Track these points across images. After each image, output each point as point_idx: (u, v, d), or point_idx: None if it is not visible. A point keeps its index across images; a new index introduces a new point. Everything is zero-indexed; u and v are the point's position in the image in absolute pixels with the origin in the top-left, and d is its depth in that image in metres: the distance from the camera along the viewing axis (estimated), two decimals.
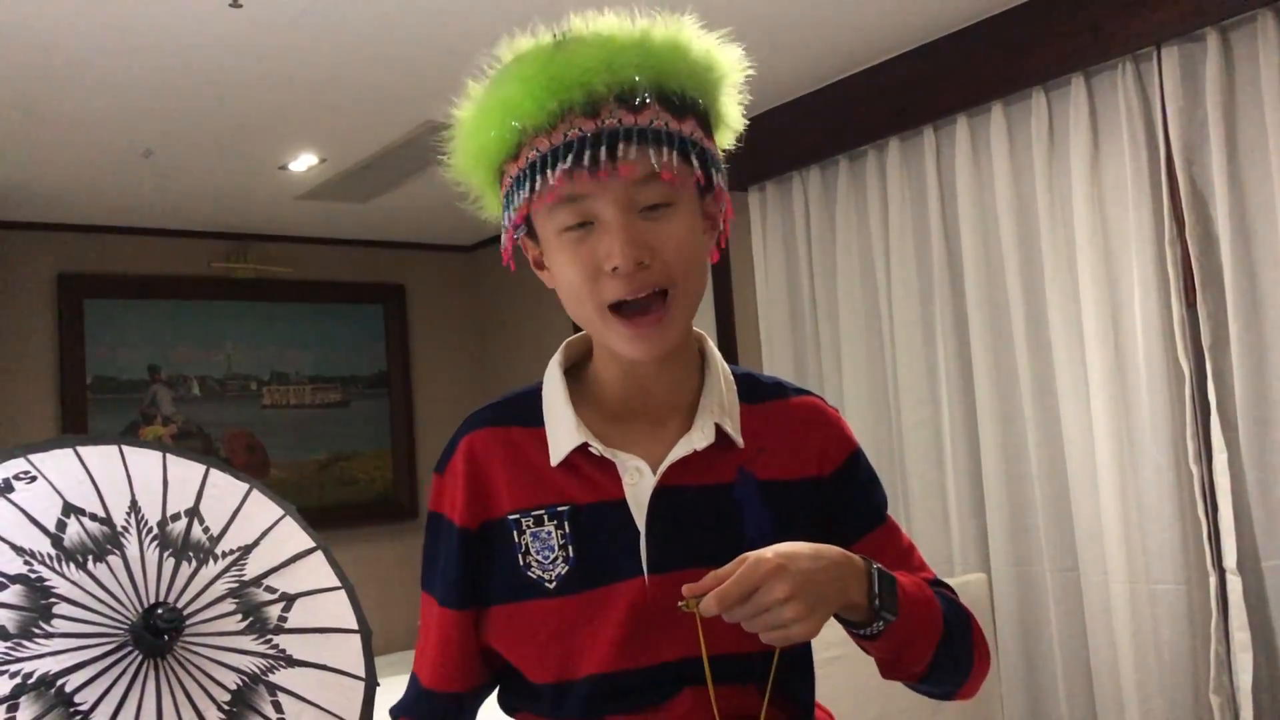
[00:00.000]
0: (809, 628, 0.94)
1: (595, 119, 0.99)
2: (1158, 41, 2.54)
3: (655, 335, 1.03)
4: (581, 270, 1.02)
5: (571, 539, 1.06)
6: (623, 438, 1.09)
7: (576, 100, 0.99)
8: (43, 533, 1.16)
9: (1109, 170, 2.68)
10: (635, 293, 1.01)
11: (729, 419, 1.10)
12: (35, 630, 1.11)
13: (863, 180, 3.27)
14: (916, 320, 3.12)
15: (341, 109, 3.16)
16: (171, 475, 1.29)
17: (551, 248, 1.06)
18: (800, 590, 0.93)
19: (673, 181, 1.01)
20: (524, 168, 1.02)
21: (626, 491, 1.06)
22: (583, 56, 1.00)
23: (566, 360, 1.16)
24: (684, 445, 1.07)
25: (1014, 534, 2.89)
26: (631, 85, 1.00)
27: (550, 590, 1.06)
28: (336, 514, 4.60)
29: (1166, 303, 2.55)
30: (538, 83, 1.00)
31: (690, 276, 1.04)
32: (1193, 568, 2.53)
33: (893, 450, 3.20)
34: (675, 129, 1.01)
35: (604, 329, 1.04)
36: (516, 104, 1.01)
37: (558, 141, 0.99)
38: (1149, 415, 2.58)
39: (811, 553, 0.97)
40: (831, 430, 1.16)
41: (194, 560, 1.21)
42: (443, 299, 5.06)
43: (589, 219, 1.02)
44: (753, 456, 1.10)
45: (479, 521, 1.10)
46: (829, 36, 2.89)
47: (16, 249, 4.04)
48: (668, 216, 1.02)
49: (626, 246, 0.99)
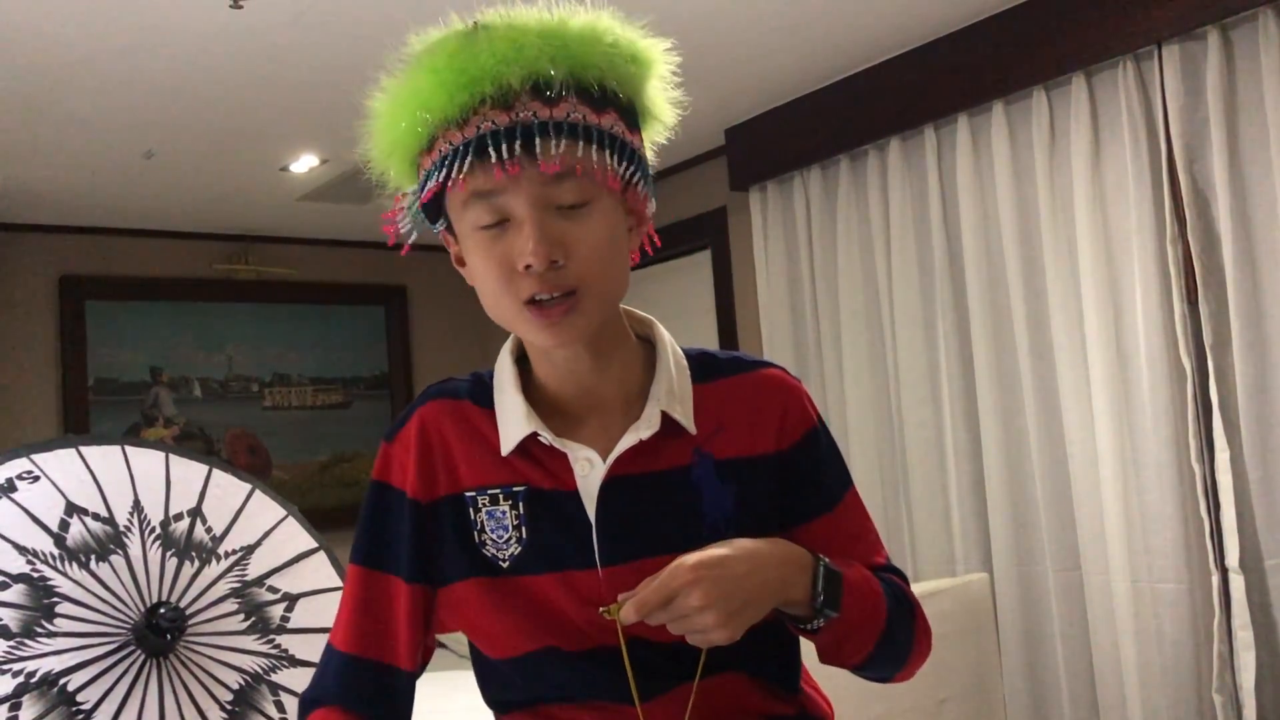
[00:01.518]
0: (727, 634, 0.93)
1: (508, 112, 0.95)
2: (1158, 40, 2.54)
3: (565, 323, 1.00)
4: (497, 268, 0.99)
5: (526, 520, 1.04)
6: (573, 428, 1.07)
7: (488, 92, 0.95)
8: (45, 532, 1.16)
9: (1110, 169, 2.68)
10: (548, 291, 0.98)
11: (679, 404, 1.07)
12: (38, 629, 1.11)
13: (864, 180, 3.27)
14: (918, 320, 3.12)
15: (342, 110, 3.15)
16: (174, 475, 1.30)
17: (468, 245, 1.03)
18: (717, 598, 0.92)
19: (590, 178, 0.99)
20: (436, 161, 0.99)
21: (578, 482, 1.04)
22: (494, 46, 0.96)
23: (517, 347, 1.13)
24: (630, 435, 1.05)
25: (1016, 533, 2.89)
26: (546, 76, 0.96)
27: (504, 569, 1.04)
28: (338, 515, 4.60)
29: (1168, 301, 2.55)
30: (448, 73, 0.97)
31: (605, 278, 1.01)
32: (1195, 566, 2.53)
33: (894, 450, 3.19)
34: (594, 122, 0.98)
35: (519, 324, 1.02)
36: (427, 96, 0.98)
37: (470, 135, 0.96)
38: (1151, 414, 2.58)
39: (745, 555, 0.96)
40: (791, 404, 1.12)
41: (196, 560, 1.21)
42: (444, 300, 5.06)
43: (504, 216, 0.99)
44: (710, 436, 1.07)
45: (431, 496, 1.08)
46: (830, 36, 2.89)
47: (19, 251, 4.04)
48: (584, 215, 0.99)
49: (539, 245, 0.96)
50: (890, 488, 3.18)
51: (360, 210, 4.23)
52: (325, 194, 3.95)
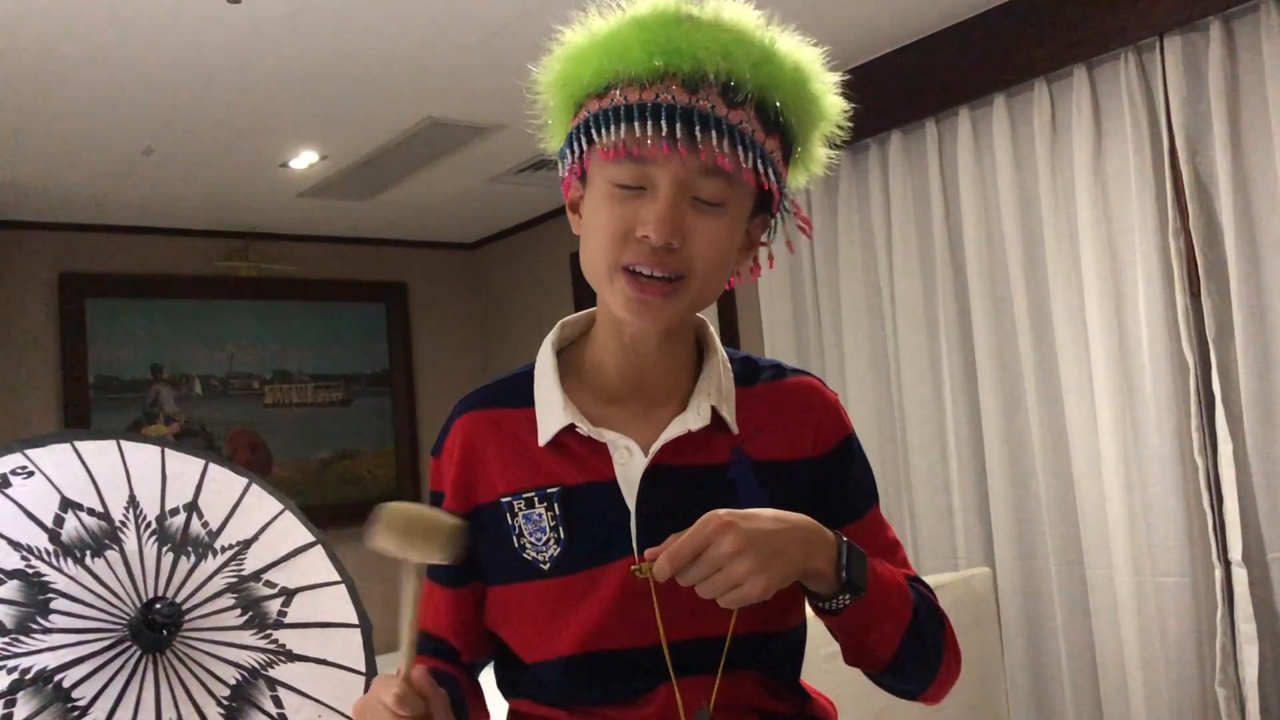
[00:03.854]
0: (762, 583, 0.93)
1: (692, 94, 0.99)
2: (1160, 32, 2.53)
3: (658, 304, 1.02)
4: (614, 227, 1.01)
5: (562, 520, 1.05)
6: (615, 419, 1.09)
7: (683, 69, 0.99)
8: (40, 528, 1.15)
9: (1112, 162, 2.67)
10: (653, 268, 1.01)
11: (725, 404, 1.09)
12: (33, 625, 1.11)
13: (864, 173, 3.26)
14: (919, 314, 3.11)
15: (342, 106, 3.16)
16: (170, 470, 1.29)
17: (595, 195, 1.05)
18: (750, 544, 0.92)
19: (735, 186, 1.02)
20: (607, 108, 1.00)
21: (617, 471, 1.06)
22: (707, 35, 1.00)
23: (561, 340, 1.16)
24: (678, 425, 1.06)
25: (1018, 527, 2.88)
26: (740, 81, 1.00)
27: (545, 571, 1.06)
28: (339, 513, 4.60)
29: (1170, 294, 2.54)
30: (654, 38, 1.00)
31: (709, 278, 1.04)
32: (1198, 560, 2.52)
33: (896, 444, 3.18)
34: (760, 140, 1.01)
35: (610, 287, 1.03)
36: (625, 49, 1.00)
37: (648, 99, 0.99)
38: (1153, 407, 2.57)
39: (772, 515, 0.97)
40: (828, 412, 1.14)
41: (193, 555, 1.21)
42: (445, 297, 5.05)
43: (642, 184, 1.01)
44: (748, 437, 1.09)
45: (470, 505, 1.10)
46: (828, 29, 2.85)
47: (18, 249, 4.04)
48: (714, 215, 1.02)
49: (666, 223, 0.99)
50: (891, 481, 3.17)
51: (360, 207, 4.23)
52: (326, 190, 3.95)
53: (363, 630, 1.33)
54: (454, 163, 3.72)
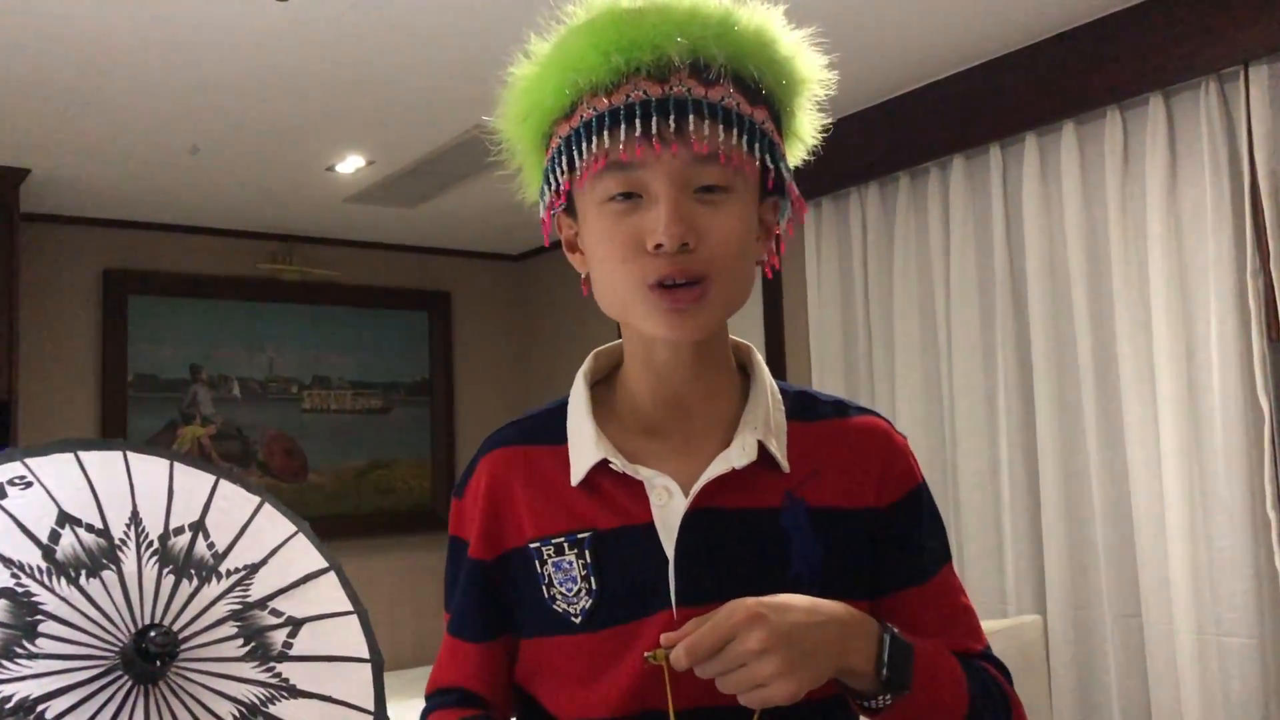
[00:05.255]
0: (789, 687, 0.83)
1: (663, 84, 0.91)
2: (1245, 60, 2.41)
3: (691, 312, 0.93)
4: (621, 246, 0.93)
5: (593, 569, 0.96)
6: (653, 455, 0.99)
7: (645, 61, 0.91)
8: (34, 543, 1.08)
9: (1187, 195, 2.55)
10: (677, 275, 0.92)
11: (774, 438, 0.99)
12: (18, 649, 1.03)
13: (924, 199, 3.16)
14: (976, 347, 3.00)
15: (391, 111, 3.11)
16: (178, 485, 1.21)
17: (590, 222, 0.97)
18: (780, 643, 0.83)
19: (734, 167, 0.93)
20: (577, 127, 0.93)
21: (654, 513, 0.96)
22: (659, 19, 0.92)
23: (594, 372, 1.07)
24: (721, 462, 0.96)
25: (1073, 575, 2.75)
26: (708, 56, 0.92)
27: (576, 625, 0.97)
28: (373, 522, 4.55)
29: (1247, 337, 2.42)
30: (606, 37, 0.92)
31: (734, 270, 0.95)
32: (1267, 620, 2.38)
33: (946, 481, 3.07)
34: (746, 112, 0.93)
35: (640, 308, 0.94)
36: (579, 58, 0.93)
37: (618, 102, 0.91)
38: (1224, 455, 2.44)
39: (807, 606, 0.87)
40: (896, 459, 1.03)
41: (195, 578, 1.13)
42: (488, 308, 5.01)
43: (636, 191, 0.93)
44: (803, 480, 0.98)
45: (498, 552, 1.02)
46: (892, 48, 2.79)
47: (63, 244, 4.04)
48: (721, 203, 0.93)
49: (673, 224, 0.90)
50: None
51: (406, 214, 4.19)
52: (371, 196, 3.91)
53: (373, 665, 1.24)
54: (502, 173, 3.67)
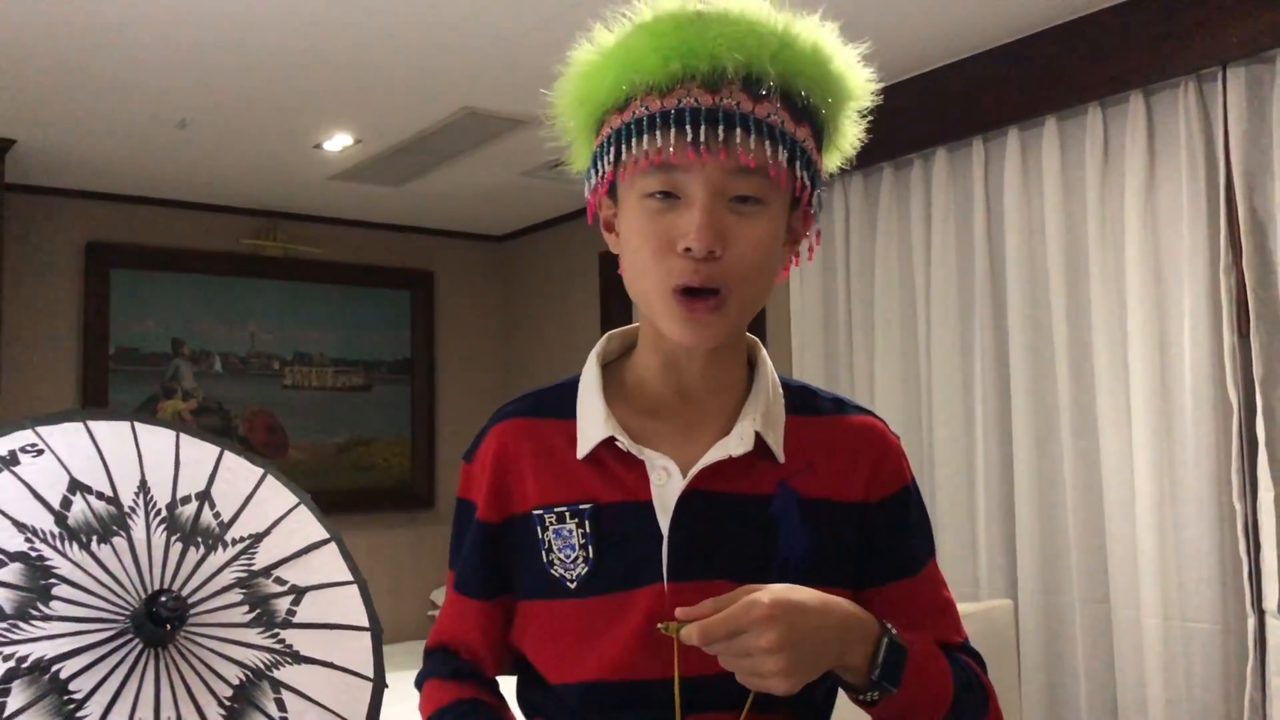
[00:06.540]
0: (788, 685, 0.89)
1: (714, 94, 0.95)
2: (1223, 61, 2.46)
3: (708, 321, 0.98)
4: (653, 242, 0.98)
5: (592, 539, 1.02)
6: (656, 436, 1.04)
7: (700, 70, 0.96)
8: (46, 509, 1.11)
9: (1164, 192, 2.60)
10: (700, 281, 0.97)
11: (772, 430, 1.04)
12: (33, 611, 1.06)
13: (906, 190, 3.20)
14: (955, 337, 3.05)
15: (379, 90, 3.12)
16: (184, 456, 1.24)
17: (628, 211, 1.01)
18: (789, 645, 0.88)
19: (771, 181, 0.97)
20: (629, 121, 0.98)
21: (653, 492, 1.02)
22: (719, 30, 0.96)
23: (607, 354, 1.12)
24: (719, 449, 1.02)
25: (1044, 561, 2.81)
26: (761, 73, 0.96)
27: (571, 590, 1.02)
28: (352, 499, 4.57)
29: (1218, 332, 2.47)
30: (667, 42, 0.97)
31: (754, 282, 1.00)
32: (1230, 608, 2.45)
33: (922, 467, 3.12)
34: (790, 130, 0.98)
35: (661, 309, 1.00)
36: (640, 57, 0.98)
37: (670, 105, 0.96)
38: (1193, 447, 2.50)
39: (819, 608, 0.92)
40: (888, 457, 1.09)
41: (202, 546, 1.16)
42: (471, 288, 5.02)
43: (675, 191, 0.97)
44: (797, 471, 1.04)
45: (503, 515, 1.08)
46: (877, 41, 2.81)
47: (47, 215, 4.02)
48: (754, 214, 0.98)
49: (705, 231, 0.95)
50: None
51: (391, 193, 4.19)
52: (357, 174, 3.92)
53: (373, 634, 1.28)
54: (488, 154, 3.68)
